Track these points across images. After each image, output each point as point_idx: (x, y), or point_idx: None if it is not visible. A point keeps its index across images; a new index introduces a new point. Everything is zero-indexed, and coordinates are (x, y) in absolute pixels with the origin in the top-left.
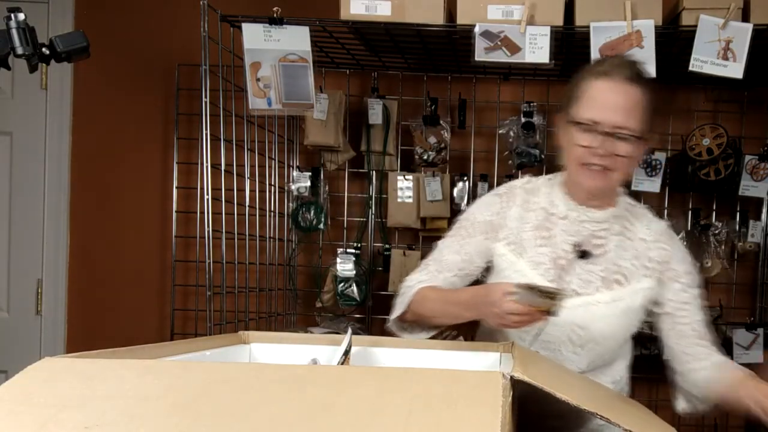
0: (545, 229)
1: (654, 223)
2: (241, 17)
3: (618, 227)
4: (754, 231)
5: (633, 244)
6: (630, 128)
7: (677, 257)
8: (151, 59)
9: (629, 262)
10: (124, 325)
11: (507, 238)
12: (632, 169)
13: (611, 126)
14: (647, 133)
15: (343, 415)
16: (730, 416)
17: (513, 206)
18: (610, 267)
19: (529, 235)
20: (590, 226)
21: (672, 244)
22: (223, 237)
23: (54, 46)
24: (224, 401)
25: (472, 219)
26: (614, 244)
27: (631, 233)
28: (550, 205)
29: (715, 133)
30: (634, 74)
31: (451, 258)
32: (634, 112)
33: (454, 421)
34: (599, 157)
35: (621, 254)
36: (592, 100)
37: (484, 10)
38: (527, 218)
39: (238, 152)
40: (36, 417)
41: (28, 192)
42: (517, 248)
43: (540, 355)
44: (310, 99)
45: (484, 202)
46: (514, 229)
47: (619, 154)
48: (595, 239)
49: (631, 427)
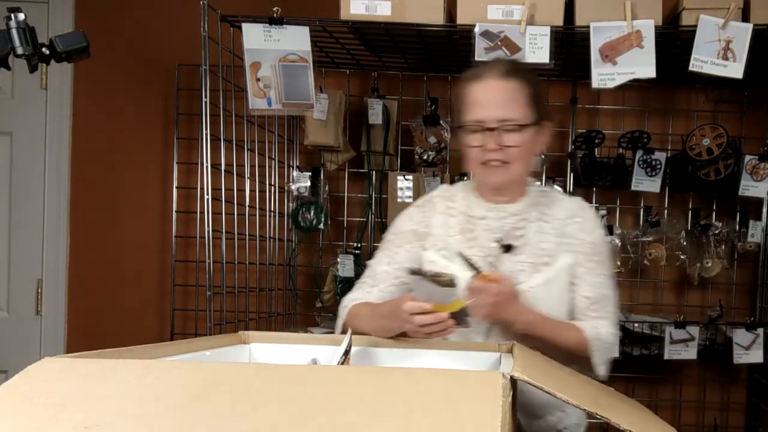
0: (469, 231)
1: (566, 202)
2: (241, 17)
3: (535, 214)
4: (754, 231)
5: (551, 225)
6: (513, 119)
7: (586, 227)
8: (151, 59)
9: (551, 243)
10: (124, 325)
11: (435, 245)
12: (531, 157)
13: (494, 121)
14: (536, 119)
15: (343, 415)
16: (730, 416)
17: (435, 214)
18: (536, 252)
19: (455, 240)
20: (509, 220)
21: (584, 216)
22: (223, 237)
23: (54, 46)
24: (224, 401)
25: (398, 230)
26: (534, 230)
27: (548, 216)
28: (469, 209)
29: (715, 133)
30: (507, 70)
31: (383, 269)
32: (513, 104)
33: (454, 421)
34: (493, 152)
35: (542, 238)
36: (471, 102)
37: (484, 10)
38: (451, 224)
39: (238, 152)
40: (36, 417)
41: (28, 192)
42: (447, 253)
43: (540, 355)
44: (310, 99)
45: (405, 214)
46: (441, 235)
47: (510, 145)
48: (516, 230)
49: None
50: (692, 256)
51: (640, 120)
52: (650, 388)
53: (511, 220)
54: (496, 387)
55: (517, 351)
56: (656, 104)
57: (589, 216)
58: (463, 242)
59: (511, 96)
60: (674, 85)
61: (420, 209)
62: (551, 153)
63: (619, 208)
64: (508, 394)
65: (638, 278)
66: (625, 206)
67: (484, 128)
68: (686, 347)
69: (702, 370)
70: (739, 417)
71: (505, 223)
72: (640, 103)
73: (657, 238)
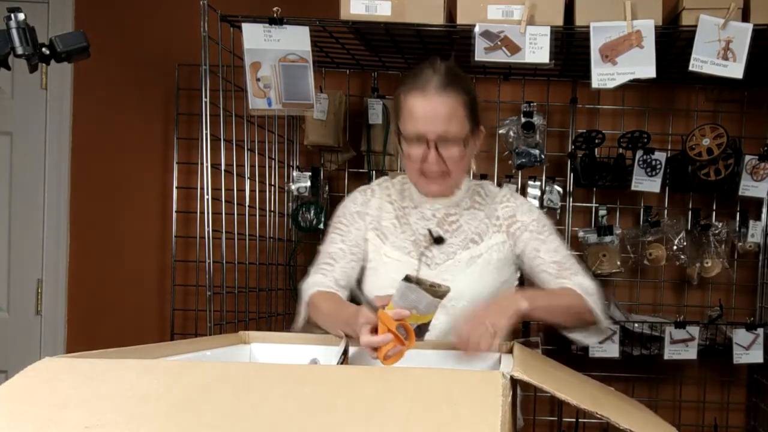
0: (403, 218)
1: (499, 191)
2: (241, 17)
3: (468, 202)
4: (754, 231)
5: (483, 210)
6: (454, 132)
7: (522, 210)
8: (151, 59)
9: (481, 223)
10: (124, 325)
11: (372, 224)
12: (470, 161)
13: (435, 135)
14: (473, 128)
15: (343, 415)
16: (730, 416)
17: (373, 198)
18: (466, 235)
19: (389, 224)
20: (443, 210)
21: (515, 201)
22: (223, 237)
23: (54, 46)
24: (224, 401)
25: (345, 212)
26: (467, 217)
27: (480, 204)
28: (404, 199)
29: (715, 133)
30: (445, 82)
31: (338, 248)
32: (453, 117)
33: (454, 421)
34: (433, 165)
35: (473, 222)
36: (411, 114)
37: (484, 10)
38: (387, 208)
39: (238, 152)
40: (36, 417)
41: (28, 192)
42: (379, 234)
43: (540, 355)
44: (310, 99)
45: (349, 198)
46: (376, 217)
47: (451, 157)
48: (449, 217)
49: (631, 426)
50: (692, 256)
51: (640, 120)
52: (650, 388)
53: (444, 210)
54: (496, 387)
55: (517, 351)
56: (656, 104)
57: (521, 201)
58: (396, 227)
59: (452, 109)
60: (674, 85)
61: (361, 193)
62: (551, 153)
63: (619, 208)
64: (508, 394)
65: (638, 278)
66: (625, 206)
67: (425, 140)
68: (686, 347)
69: (702, 370)
70: (739, 417)
71: (438, 211)
72: (640, 103)
73: (657, 238)
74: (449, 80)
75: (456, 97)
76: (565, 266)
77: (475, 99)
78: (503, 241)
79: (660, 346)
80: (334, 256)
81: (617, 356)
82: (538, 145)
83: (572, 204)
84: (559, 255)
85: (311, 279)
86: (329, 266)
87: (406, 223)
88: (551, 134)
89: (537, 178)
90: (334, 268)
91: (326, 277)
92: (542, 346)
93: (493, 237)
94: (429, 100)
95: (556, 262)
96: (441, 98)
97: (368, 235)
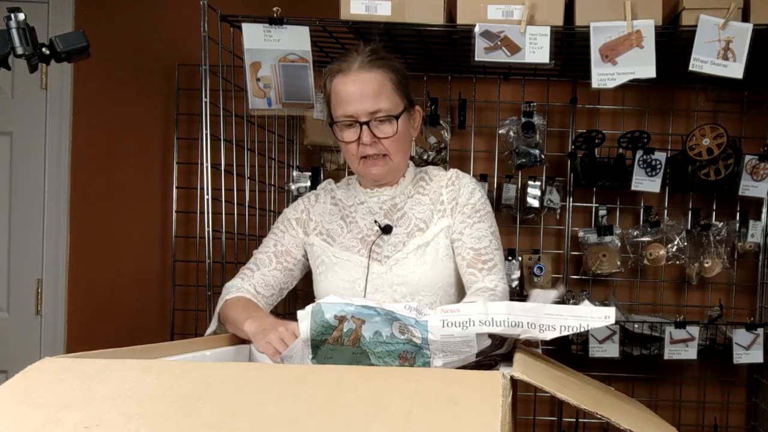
0: (349, 217)
1: (443, 174)
2: (241, 17)
3: (412, 190)
4: (754, 231)
5: (427, 195)
6: (384, 109)
7: (464, 192)
8: (151, 59)
9: (426, 209)
10: (124, 325)
11: (316, 230)
12: (408, 143)
13: (366, 114)
14: (406, 105)
15: (343, 415)
16: (730, 416)
17: (317, 203)
18: (412, 222)
19: (334, 226)
20: (389, 201)
21: (459, 182)
22: (223, 237)
23: (54, 46)
24: (224, 401)
25: (284, 218)
26: (411, 204)
27: (425, 189)
28: (349, 197)
29: (715, 133)
30: (368, 61)
31: (267, 255)
32: (381, 95)
33: (454, 421)
34: (369, 146)
35: (418, 209)
36: (338, 97)
37: (484, 10)
38: (333, 211)
39: (238, 152)
40: (36, 417)
41: (28, 192)
42: (326, 238)
43: (540, 355)
44: (310, 99)
45: (292, 205)
46: (321, 222)
47: (386, 137)
48: (395, 207)
49: (631, 426)
50: (692, 256)
51: (640, 120)
52: (650, 388)
53: (390, 200)
54: (496, 387)
55: (517, 351)
56: (656, 104)
57: (465, 182)
58: (343, 227)
59: (379, 87)
60: (674, 85)
61: (304, 200)
62: (551, 153)
63: (619, 208)
64: (508, 394)
65: (638, 278)
66: (625, 206)
67: (357, 122)
68: (686, 347)
69: (702, 370)
70: (739, 417)
71: (385, 203)
72: (640, 103)
73: (657, 238)
74: (373, 59)
75: (382, 74)
76: (483, 258)
77: (405, 77)
78: (449, 225)
79: (660, 346)
80: (258, 262)
81: (617, 356)
82: (538, 145)
83: (572, 204)
84: (481, 244)
85: (233, 281)
86: (250, 271)
87: (352, 221)
88: (551, 134)
89: (537, 178)
90: (254, 274)
91: (244, 281)
92: (542, 346)
93: (439, 222)
94: (354, 79)
95: (475, 250)
96: (366, 75)
97: (313, 241)
